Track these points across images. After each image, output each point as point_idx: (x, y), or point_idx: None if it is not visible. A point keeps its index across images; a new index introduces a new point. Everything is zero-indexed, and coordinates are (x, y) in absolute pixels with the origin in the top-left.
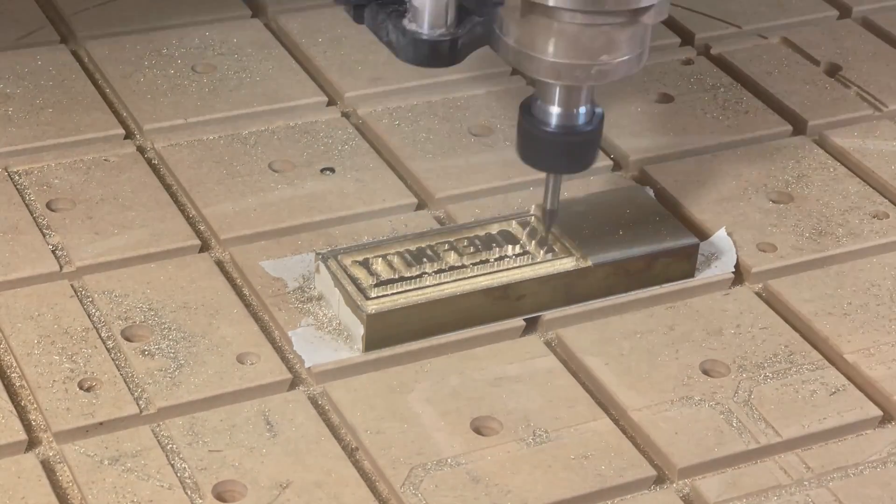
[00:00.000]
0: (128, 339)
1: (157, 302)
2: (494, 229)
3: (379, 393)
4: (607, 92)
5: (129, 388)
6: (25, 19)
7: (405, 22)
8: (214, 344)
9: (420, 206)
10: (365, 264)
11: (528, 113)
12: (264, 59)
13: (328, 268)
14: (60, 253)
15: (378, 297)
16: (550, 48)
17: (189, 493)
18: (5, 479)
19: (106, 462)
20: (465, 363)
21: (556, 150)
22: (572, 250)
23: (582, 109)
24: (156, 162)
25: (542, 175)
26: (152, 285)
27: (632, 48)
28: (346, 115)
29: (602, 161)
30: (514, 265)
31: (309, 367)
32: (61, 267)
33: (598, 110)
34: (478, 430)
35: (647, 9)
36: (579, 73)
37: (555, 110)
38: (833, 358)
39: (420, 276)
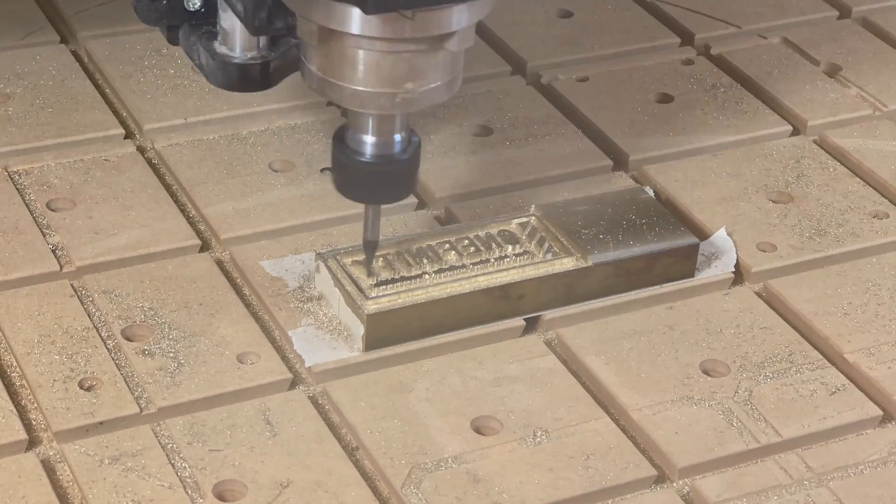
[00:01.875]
0: (128, 339)
1: (157, 301)
2: (494, 229)
3: (379, 392)
4: (608, 91)
5: (130, 388)
6: (25, 19)
7: (216, 44)
8: (214, 344)
9: (420, 206)
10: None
11: (342, 142)
12: None
13: (328, 267)
14: (60, 253)
15: (378, 297)
16: (352, 75)
17: (189, 492)
18: (6, 479)
19: (106, 461)
20: (465, 363)
21: (372, 180)
22: (572, 250)
23: (397, 137)
24: (156, 162)
25: (545, 175)
26: (152, 285)
27: (440, 75)
28: (346, 115)
29: (602, 161)
30: (514, 265)
31: (309, 367)
32: (61, 267)
33: (415, 138)
34: (478, 430)
35: (450, 35)
36: (384, 102)
37: (368, 139)
38: (833, 358)
39: (420, 275)
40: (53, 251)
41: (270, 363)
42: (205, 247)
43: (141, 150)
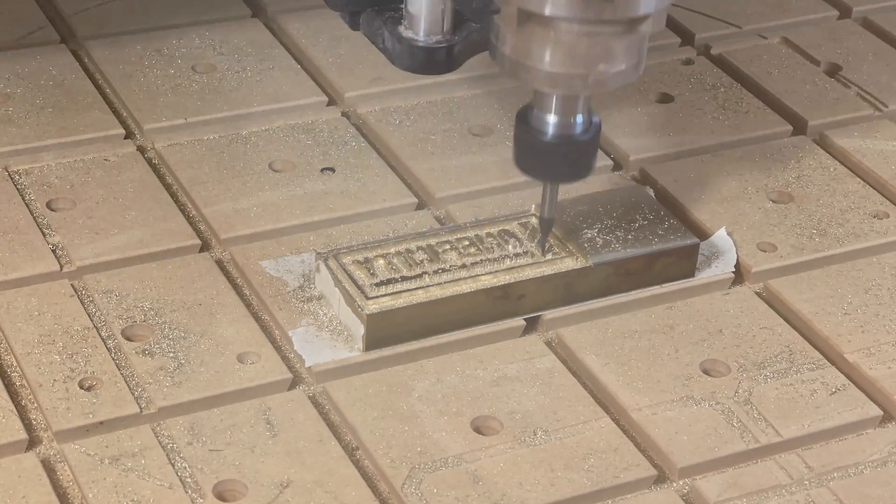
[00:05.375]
0: (128, 339)
1: (158, 301)
2: (494, 229)
3: (379, 393)
4: (607, 91)
5: (130, 388)
6: (25, 19)
7: (401, 29)
8: (214, 343)
9: (420, 206)
10: (365, 264)
11: (525, 122)
12: (264, 59)
13: (328, 267)
14: (60, 252)
15: (378, 297)
16: (547, 57)
17: (189, 492)
18: (6, 479)
19: (106, 461)
20: (465, 363)
21: (553, 158)
22: (572, 250)
23: (579, 118)
24: (156, 162)
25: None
26: (152, 285)
27: (629, 57)
28: (346, 115)
29: (602, 161)
30: (514, 265)
31: (309, 367)
32: (61, 266)
33: (595, 119)
34: (478, 430)
35: (644, 18)
36: (576, 83)
37: (552, 119)
38: (833, 358)
39: (420, 275)
40: (53, 251)
41: (270, 363)
42: (205, 247)
43: (141, 150)
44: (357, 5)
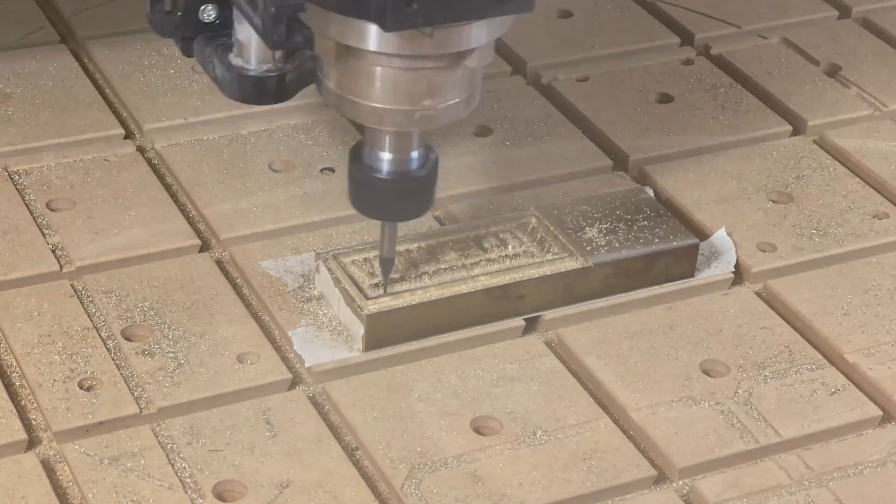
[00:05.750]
0: (128, 339)
1: (157, 302)
2: (494, 229)
3: (379, 393)
4: (608, 91)
5: (129, 388)
6: (25, 19)
7: (231, 56)
8: (214, 344)
9: None
10: (365, 264)
11: (359, 159)
12: None
13: (328, 268)
14: (60, 253)
15: (378, 297)
16: (370, 92)
17: (189, 492)
18: (5, 479)
19: (106, 462)
20: (465, 363)
21: (389, 197)
22: (572, 250)
23: (414, 154)
24: (156, 162)
25: (545, 175)
26: (152, 285)
27: (458, 92)
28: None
29: (602, 161)
30: (514, 265)
31: (309, 367)
32: (61, 267)
33: (432, 155)
34: (478, 430)
35: (469, 52)
36: (401, 119)
37: (385, 156)
38: (833, 358)
39: (420, 275)
40: (53, 251)
41: (270, 363)
42: (205, 247)
43: (141, 150)
44: (188, 31)
